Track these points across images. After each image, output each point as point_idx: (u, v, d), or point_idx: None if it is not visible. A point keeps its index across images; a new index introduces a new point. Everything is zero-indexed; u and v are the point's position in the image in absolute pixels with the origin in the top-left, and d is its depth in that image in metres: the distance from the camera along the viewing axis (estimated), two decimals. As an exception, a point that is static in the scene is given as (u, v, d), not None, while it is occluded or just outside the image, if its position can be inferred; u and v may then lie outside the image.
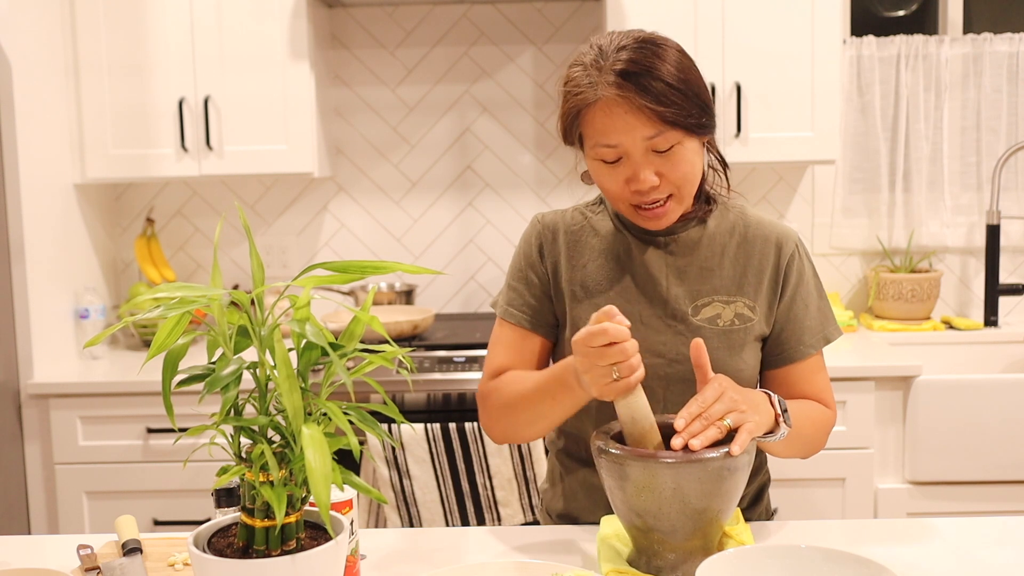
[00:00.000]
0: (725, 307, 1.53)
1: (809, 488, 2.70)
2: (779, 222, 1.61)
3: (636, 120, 1.39)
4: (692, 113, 1.40)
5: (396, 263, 1.10)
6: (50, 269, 2.80)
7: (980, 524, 1.52)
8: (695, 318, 1.53)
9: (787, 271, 1.55)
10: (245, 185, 3.31)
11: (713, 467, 1.24)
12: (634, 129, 1.39)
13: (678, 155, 1.42)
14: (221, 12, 2.89)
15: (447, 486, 2.60)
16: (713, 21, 2.85)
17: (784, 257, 1.56)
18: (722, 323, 1.53)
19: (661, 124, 1.39)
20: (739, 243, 1.56)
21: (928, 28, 3.34)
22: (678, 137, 1.41)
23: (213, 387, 1.01)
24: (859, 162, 3.26)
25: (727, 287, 1.54)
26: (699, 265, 1.55)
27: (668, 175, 1.43)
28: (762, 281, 1.55)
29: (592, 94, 1.40)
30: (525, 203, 3.30)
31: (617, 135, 1.40)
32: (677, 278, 1.54)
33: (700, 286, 1.54)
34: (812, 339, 1.56)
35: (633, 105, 1.38)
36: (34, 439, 2.73)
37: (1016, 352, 3.07)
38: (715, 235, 1.56)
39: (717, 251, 1.55)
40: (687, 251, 1.55)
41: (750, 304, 1.54)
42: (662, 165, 1.42)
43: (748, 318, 1.54)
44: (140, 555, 1.43)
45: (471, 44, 3.26)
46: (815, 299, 1.58)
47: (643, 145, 1.40)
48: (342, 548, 1.09)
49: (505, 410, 1.52)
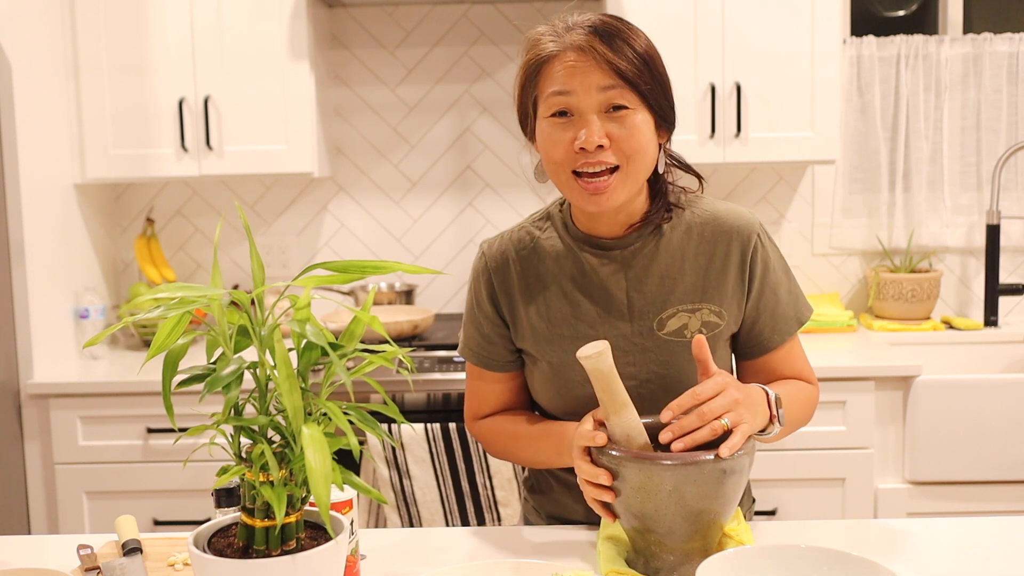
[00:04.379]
0: (691, 316, 1.47)
1: (809, 488, 2.70)
2: (736, 210, 1.51)
3: (595, 68, 1.36)
4: (652, 87, 1.37)
5: (396, 263, 1.10)
6: (50, 269, 2.80)
7: (980, 524, 1.52)
8: (661, 332, 1.47)
9: (752, 265, 1.48)
10: (245, 185, 3.31)
11: (711, 469, 1.23)
12: (590, 73, 1.36)
13: (631, 122, 1.37)
14: (221, 12, 2.89)
15: (447, 486, 2.60)
16: (713, 21, 2.85)
17: (747, 252, 1.48)
18: (689, 334, 1.47)
19: (618, 78, 1.35)
20: (698, 244, 1.48)
21: (928, 28, 3.34)
22: (634, 101, 1.37)
23: (213, 387, 1.01)
24: (859, 162, 3.26)
25: (690, 295, 1.48)
26: (659, 274, 1.48)
27: (619, 141, 1.37)
28: (725, 282, 1.48)
29: (556, 46, 1.39)
30: (525, 203, 3.30)
31: (572, 80, 1.37)
32: (638, 292, 1.48)
33: (663, 296, 1.47)
34: (786, 325, 1.51)
35: (595, 54, 1.36)
36: (34, 439, 2.73)
37: (1016, 352, 3.07)
38: (672, 240, 1.48)
39: (677, 257, 1.48)
40: (645, 262, 1.48)
41: (715, 309, 1.48)
42: (613, 129, 1.37)
43: (715, 324, 1.48)
44: (140, 555, 1.43)
45: (471, 44, 3.26)
46: (784, 283, 1.52)
47: (597, 99, 1.36)
48: (342, 548, 1.09)
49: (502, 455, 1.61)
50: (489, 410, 1.62)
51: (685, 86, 2.86)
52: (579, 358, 1.28)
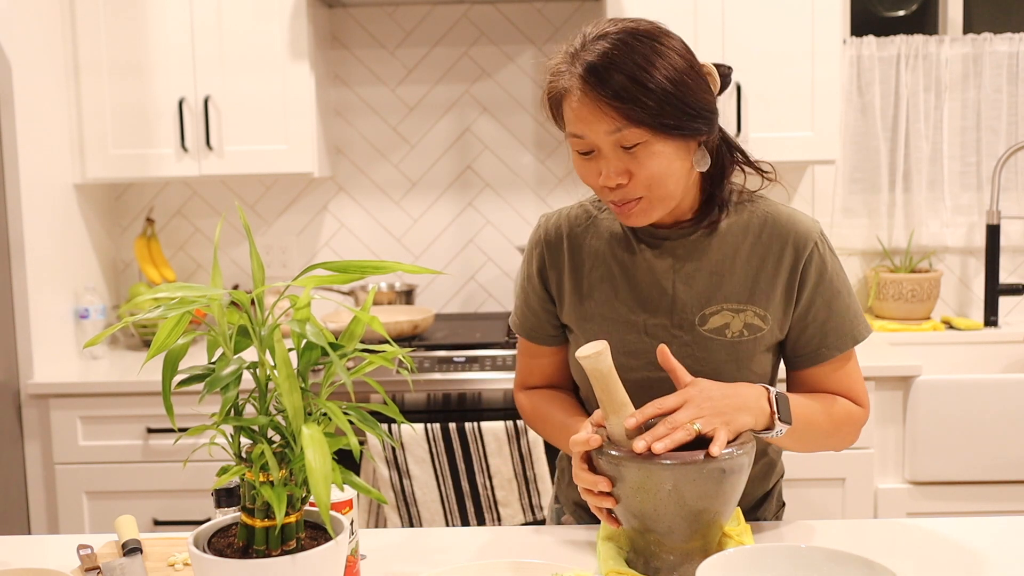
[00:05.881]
0: (735, 316, 1.46)
1: (809, 488, 2.70)
2: (800, 216, 1.50)
3: (597, 114, 1.34)
4: (663, 112, 1.32)
5: (396, 263, 1.10)
6: (50, 269, 2.80)
7: (980, 524, 1.52)
8: (702, 328, 1.47)
9: (804, 274, 1.46)
10: (245, 185, 3.31)
11: (710, 468, 1.23)
12: (596, 123, 1.34)
13: (644, 154, 1.35)
14: (221, 12, 2.89)
15: (447, 486, 2.60)
16: (713, 21, 2.85)
17: (801, 259, 1.46)
18: (730, 334, 1.46)
19: (620, 120, 1.33)
20: (752, 244, 1.47)
21: (928, 28, 3.34)
22: (643, 136, 1.34)
23: (213, 387, 1.01)
24: (859, 162, 3.26)
25: (738, 294, 1.46)
26: (709, 270, 1.47)
27: (636, 174, 1.36)
28: (775, 287, 1.46)
29: (564, 83, 1.38)
30: (525, 203, 3.30)
31: (581, 127, 1.36)
32: (685, 284, 1.47)
33: (709, 292, 1.47)
34: (837, 340, 1.48)
35: (594, 98, 1.33)
36: (34, 439, 2.73)
37: (1016, 352, 3.07)
38: (727, 236, 1.48)
39: (729, 254, 1.47)
40: (697, 255, 1.47)
41: (761, 313, 1.47)
42: (630, 163, 1.36)
43: (758, 328, 1.47)
44: (140, 555, 1.43)
45: (471, 44, 3.26)
46: (841, 298, 1.48)
47: (608, 140, 1.35)
48: (342, 548, 1.09)
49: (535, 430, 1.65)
50: (535, 383, 1.65)
51: (685, 86, 2.86)
52: (577, 358, 1.28)
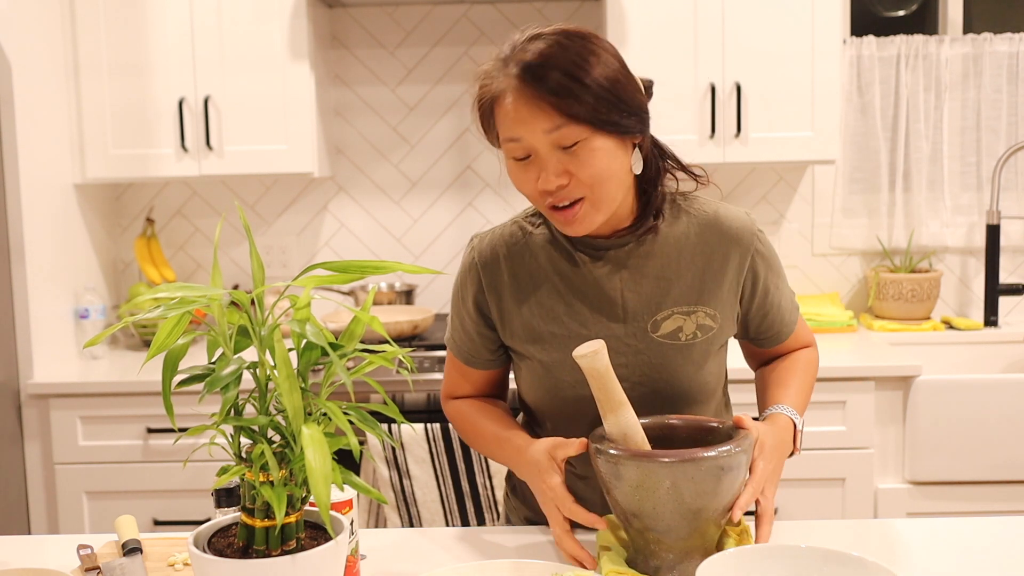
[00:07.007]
0: (686, 319, 1.45)
1: (809, 488, 2.70)
2: (735, 212, 1.49)
3: (535, 112, 1.31)
4: (599, 109, 1.30)
5: (396, 263, 1.10)
6: (50, 269, 2.80)
7: (980, 524, 1.52)
8: (655, 334, 1.45)
9: (753, 268, 1.47)
10: (245, 185, 3.31)
11: (708, 466, 1.23)
12: (533, 121, 1.31)
13: (585, 152, 1.32)
14: (221, 12, 2.89)
15: (447, 486, 2.60)
16: (713, 21, 2.85)
17: (747, 255, 1.46)
18: (684, 337, 1.45)
19: (559, 117, 1.30)
20: (695, 245, 1.45)
21: (928, 28, 3.34)
22: (583, 133, 1.31)
23: (213, 387, 1.01)
24: (859, 162, 3.26)
25: (686, 296, 1.45)
26: (655, 275, 1.45)
27: (577, 174, 1.33)
28: (722, 285, 1.46)
29: (497, 86, 1.35)
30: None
31: (518, 128, 1.33)
32: (632, 292, 1.45)
33: (658, 298, 1.45)
34: (791, 315, 1.56)
35: (531, 96, 1.31)
36: (34, 439, 2.73)
37: (1016, 352, 3.07)
38: (668, 240, 1.45)
39: (673, 257, 1.45)
40: (640, 261, 1.45)
41: (711, 312, 1.46)
42: (570, 163, 1.33)
43: (709, 328, 1.46)
44: (140, 555, 1.43)
45: (471, 44, 3.26)
46: (783, 277, 1.55)
47: (546, 140, 1.32)
48: (342, 548, 1.09)
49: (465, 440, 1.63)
50: (464, 394, 1.63)
51: (685, 86, 2.86)
52: (575, 357, 1.28)
